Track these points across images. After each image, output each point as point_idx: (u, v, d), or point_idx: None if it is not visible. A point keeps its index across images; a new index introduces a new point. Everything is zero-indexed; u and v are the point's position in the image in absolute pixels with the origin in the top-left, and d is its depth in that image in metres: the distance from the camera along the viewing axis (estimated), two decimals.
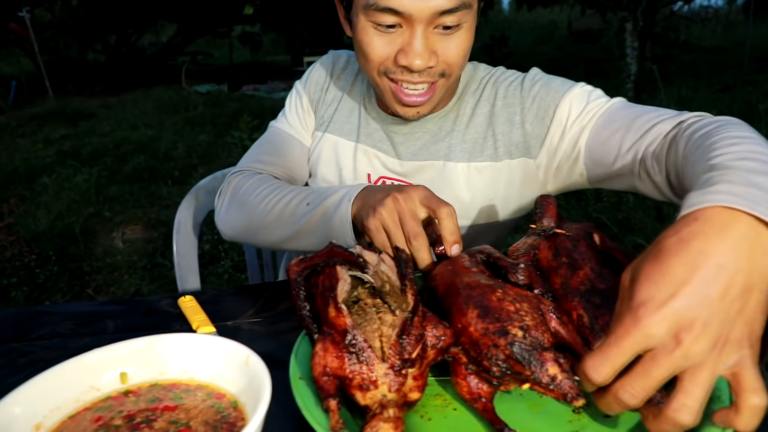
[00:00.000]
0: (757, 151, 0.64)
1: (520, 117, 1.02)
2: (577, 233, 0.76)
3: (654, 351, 0.49)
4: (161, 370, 0.60)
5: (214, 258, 3.31)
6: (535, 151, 1.02)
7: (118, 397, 0.57)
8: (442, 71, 0.94)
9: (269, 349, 0.78)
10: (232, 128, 5.83)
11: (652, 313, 0.49)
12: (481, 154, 1.05)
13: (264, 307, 0.90)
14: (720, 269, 0.49)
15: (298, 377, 0.64)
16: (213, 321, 0.86)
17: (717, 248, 0.50)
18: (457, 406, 0.64)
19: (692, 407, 0.48)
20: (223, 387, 0.57)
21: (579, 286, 0.66)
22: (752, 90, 6.38)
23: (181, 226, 1.43)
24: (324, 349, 0.60)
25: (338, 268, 0.69)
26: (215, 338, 0.59)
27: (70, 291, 3.05)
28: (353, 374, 0.59)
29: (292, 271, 0.73)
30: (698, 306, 0.48)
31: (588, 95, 0.98)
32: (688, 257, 0.50)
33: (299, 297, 0.71)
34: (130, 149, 5.46)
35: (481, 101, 1.07)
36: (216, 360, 0.58)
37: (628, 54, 6.02)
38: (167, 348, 0.60)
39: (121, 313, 0.90)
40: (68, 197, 4.19)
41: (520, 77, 1.06)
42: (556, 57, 10.46)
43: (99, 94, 9.04)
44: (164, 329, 0.84)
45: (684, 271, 0.49)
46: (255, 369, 0.54)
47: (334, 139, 1.14)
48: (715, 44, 11.04)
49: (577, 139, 0.96)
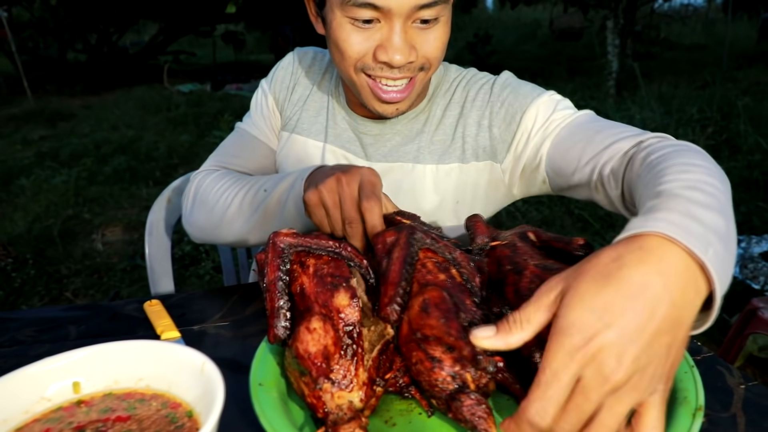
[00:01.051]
0: (706, 182, 0.63)
1: (488, 120, 1.02)
2: (512, 239, 0.75)
3: (584, 383, 0.48)
4: (116, 379, 0.58)
5: (195, 259, 3.28)
6: (501, 155, 1.02)
7: (70, 408, 0.55)
8: (421, 65, 0.92)
9: (233, 354, 0.77)
10: (215, 128, 5.78)
11: (585, 346, 0.47)
12: (450, 156, 1.04)
13: (232, 311, 0.89)
14: (657, 303, 0.48)
15: (258, 384, 0.62)
16: (179, 325, 0.84)
17: (656, 282, 0.49)
18: (422, 410, 0.63)
19: None
20: (180, 396, 0.56)
21: (529, 285, 0.65)
22: (731, 87, 6.46)
23: (153, 228, 1.41)
24: (325, 330, 0.59)
25: (347, 264, 0.68)
26: (171, 345, 0.58)
27: (48, 294, 3.01)
28: (339, 367, 0.58)
29: (280, 240, 0.69)
30: (633, 339, 0.47)
31: (555, 104, 0.98)
32: (627, 289, 0.49)
33: (279, 268, 0.67)
34: (111, 150, 5.39)
35: (451, 103, 1.06)
36: (172, 368, 0.57)
37: (610, 52, 6.06)
38: (122, 356, 0.58)
39: (84, 319, 0.88)
40: (46, 199, 4.13)
41: (491, 80, 1.06)
42: (539, 55, 10.50)
43: (80, 94, 8.92)
44: (128, 335, 0.83)
45: (622, 302, 0.48)
46: (210, 377, 0.53)
47: (302, 140, 1.12)
48: (696, 42, 11.15)
49: (539, 147, 0.96)
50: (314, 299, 0.63)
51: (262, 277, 0.68)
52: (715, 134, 4.74)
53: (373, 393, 0.59)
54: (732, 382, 0.67)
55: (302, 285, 0.65)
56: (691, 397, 0.58)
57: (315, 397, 0.58)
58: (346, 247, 0.70)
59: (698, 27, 12.83)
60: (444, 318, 0.58)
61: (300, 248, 0.69)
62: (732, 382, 0.67)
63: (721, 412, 0.62)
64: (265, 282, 0.67)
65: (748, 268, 2.80)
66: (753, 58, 8.36)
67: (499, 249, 0.74)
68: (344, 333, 0.60)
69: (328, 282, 0.63)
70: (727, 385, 0.66)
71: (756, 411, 0.62)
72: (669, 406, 0.58)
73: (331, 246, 0.69)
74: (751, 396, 0.64)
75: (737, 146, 4.57)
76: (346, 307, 0.61)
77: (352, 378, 0.58)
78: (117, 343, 0.58)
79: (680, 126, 4.86)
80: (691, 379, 0.60)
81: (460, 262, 0.68)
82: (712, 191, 0.62)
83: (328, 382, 0.55)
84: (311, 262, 0.68)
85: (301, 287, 0.65)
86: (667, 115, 5.08)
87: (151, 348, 0.58)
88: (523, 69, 9.47)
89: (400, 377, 0.63)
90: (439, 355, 0.58)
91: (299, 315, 0.63)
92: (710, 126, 4.83)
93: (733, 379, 0.67)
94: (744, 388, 0.65)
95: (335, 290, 0.62)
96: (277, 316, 0.63)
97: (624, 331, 0.47)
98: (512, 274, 0.68)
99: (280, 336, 0.62)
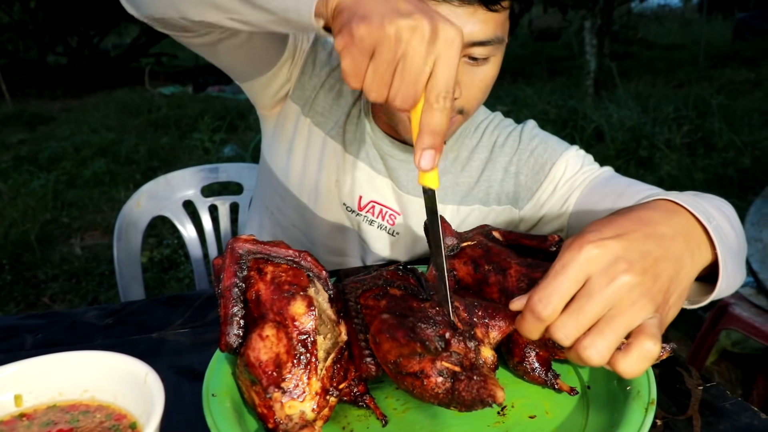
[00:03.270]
0: (720, 209, 0.70)
1: (515, 168, 1.04)
2: (479, 239, 0.75)
3: (588, 286, 0.50)
4: (60, 391, 0.56)
5: (174, 263, 3.24)
6: (522, 202, 1.05)
7: (11, 422, 0.53)
8: (461, 107, 0.90)
9: (191, 362, 0.76)
10: (195, 130, 5.73)
11: (598, 241, 0.50)
12: (472, 198, 1.06)
13: (193, 317, 0.87)
14: (662, 236, 0.53)
15: (210, 394, 0.61)
16: (139, 333, 0.83)
17: (661, 221, 0.55)
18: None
19: (601, 350, 0.49)
20: (125, 407, 0.55)
21: (518, 284, 0.66)
22: (707, 86, 6.54)
23: (121, 232, 1.39)
24: (278, 338, 0.57)
25: (306, 274, 0.66)
26: (116, 356, 0.56)
27: (25, 300, 2.96)
28: (291, 376, 0.57)
29: (239, 245, 0.67)
30: (638, 252, 0.51)
31: (583, 159, 1.01)
32: (636, 218, 0.55)
33: (236, 274, 0.65)
34: (91, 153, 5.32)
35: (479, 146, 1.07)
36: (117, 378, 0.55)
37: (588, 51, 6.09)
38: (67, 367, 0.57)
39: (42, 327, 0.86)
40: (24, 204, 4.07)
41: (518, 128, 1.08)
42: (520, 55, 10.54)
43: (60, 97, 8.82)
44: (84, 344, 0.81)
45: (631, 224, 0.53)
46: (151, 389, 0.51)
47: (333, 146, 1.06)
48: (673, 42, 11.25)
49: (567, 197, 0.98)
50: (269, 306, 0.61)
51: (218, 283, 0.67)
52: (691, 132, 4.79)
53: (326, 403, 0.58)
54: (690, 383, 0.66)
55: (258, 292, 0.64)
56: (644, 392, 0.59)
57: (265, 407, 0.56)
58: (306, 257, 0.69)
59: (675, 27, 12.96)
60: (389, 334, 0.57)
61: (259, 255, 0.68)
62: (690, 383, 0.66)
63: (678, 414, 0.61)
64: (220, 288, 0.66)
65: None
66: (728, 58, 8.48)
67: (470, 249, 0.74)
68: (298, 341, 0.58)
69: (285, 290, 0.62)
70: (685, 387, 0.66)
71: (712, 413, 0.61)
72: (622, 401, 0.58)
73: (291, 255, 0.68)
74: (708, 398, 0.63)
75: (712, 144, 4.63)
76: (302, 316, 0.59)
77: (305, 387, 0.57)
78: (61, 354, 0.57)
79: (657, 124, 4.90)
80: (644, 373, 0.60)
81: (391, 279, 0.69)
82: (721, 215, 0.69)
83: (278, 392, 0.54)
84: (269, 269, 0.66)
85: (257, 294, 0.64)
86: (644, 114, 5.12)
87: (97, 359, 0.57)
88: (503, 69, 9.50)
89: (355, 386, 0.62)
90: (417, 367, 0.56)
91: (253, 323, 0.62)
92: (686, 124, 4.88)
93: (691, 380, 0.67)
94: (702, 390, 0.65)
95: (292, 298, 0.61)
96: (230, 324, 0.62)
97: (634, 245, 0.51)
98: (494, 273, 0.69)
99: (232, 344, 0.61)
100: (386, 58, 0.52)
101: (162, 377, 0.72)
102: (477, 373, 0.53)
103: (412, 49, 0.51)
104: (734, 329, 1.74)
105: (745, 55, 8.50)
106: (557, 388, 0.63)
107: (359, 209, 1.06)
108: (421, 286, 0.69)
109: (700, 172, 4.08)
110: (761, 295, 1.72)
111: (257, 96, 1.08)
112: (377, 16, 0.52)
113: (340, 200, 1.06)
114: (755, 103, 5.55)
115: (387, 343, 0.57)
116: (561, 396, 0.64)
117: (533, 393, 0.66)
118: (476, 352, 0.57)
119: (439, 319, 0.59)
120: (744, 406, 0.62)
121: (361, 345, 0.63)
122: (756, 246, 1.72)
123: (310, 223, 1.10)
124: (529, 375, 0.65)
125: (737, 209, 0.80)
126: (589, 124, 5.00)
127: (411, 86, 0.52)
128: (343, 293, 0.70)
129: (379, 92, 0.54)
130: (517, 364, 0.65)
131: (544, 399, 0.64)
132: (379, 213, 1.06)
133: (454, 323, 0.59)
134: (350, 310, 0.67)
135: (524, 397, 0.65)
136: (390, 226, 1.06)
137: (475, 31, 0.80)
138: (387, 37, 0.51)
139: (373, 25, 0.52)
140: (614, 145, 4.69)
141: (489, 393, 0.51)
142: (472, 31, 0.80)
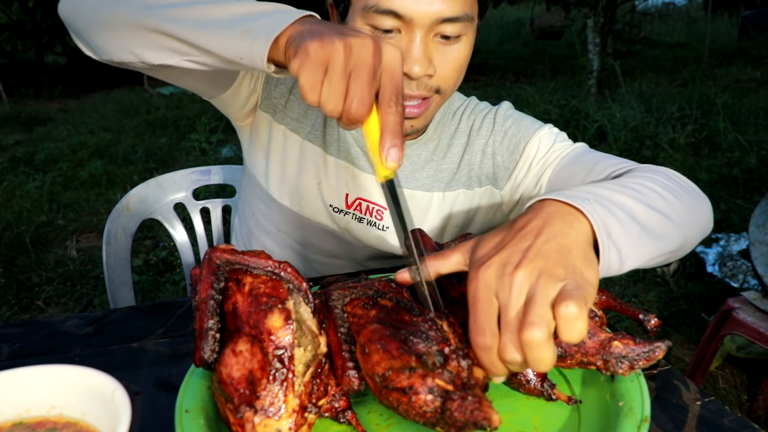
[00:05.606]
0: (644, 185, 0.74)
1: (491, 149, 1.07)
2: None
3: (500, 301, 0.54)
4: (27, 407, 0.54)
5: (170, 266, 3.22)
6: (501, 182, 1.07)
7: None
8: (437, 86, 0.91)
9: (169, 373, 0.73)
10: (193, 131, 5.70)
11: (486, 262, 0.57)
12: (455, 183, 1.08)
13: (174, 326, 0.85)
14: (535, 228, 0.59)
15: (184, 410, 0.58)
16: (119, 342, 0.80)
17: (532, 219, 0.61)
18: None
19: (539, 338, 0.50)
20: (93, 424, 0.52)
21: None
22: (711, 84, 6.49)
23: (111, 236, 1.36)
24: (252, 353, 0.55)
25: (285, 285, 0.64)
26: (85, 370, 0.54)
27: (18, 303, 2.94)
28: (266, 393, 0.54)
29: (216, 256, 0.64)
30: (519, 250, 0.56)
31: (555, 137, 1.03)
32: (510, 227, 0.61)
33: (213, 285, 0.63)
34: (87, 154, 5.29)
35: (458, 132, 1.09)
36: (85, 394, 0.53)
37: (590, 50, 6.05)
38: (33, 382, 0.54)
39: (19, 337, 0.84)
40: (19, 206, 4.04)
41: (492, 110, 1.10)
42: (522, 54, 10.51)
43: (58, 97, 8.78)
44: (63, 354, 0.78)
45: (507, 234, 0.60)
46: (118, 406, 0.49)
47: (313, 149, 1.06)
48: (677, 40, 11.21)
49: (540, 176, 1.01)
50: (245, 319, 0.59)
51: (194, 294, 0.64)
52: (695, 132, 4.75)
53: (304, 421, 0.55)
54: (688, 397, 0.64)
55: (235, 303, 0.61)
56: (636, 408, 0.57)
57: (239, 426, 0.54)
58: (286, 268, 0.66)
59: (679, 25, 12.92)
60: (381, 345, 0.54)
61: (237, 265, 0.65)
62: (688, 397, 0.64)
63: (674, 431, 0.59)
64: (196, 299, 0.63)
65: (727, 266, 2.79)
66: (733, 56, 8.41)
67: None
68: (274, 357, 0.56)
69: (263, 302, 0.59)
70: (683, 402, 0.63)
71: (710, 430, 0.59)
72: (614, 418, 0.56)
73: (271, 266, 0.65)
74: (706, 413, 0.61)
75: (717, 144, 4.58)
76: (278, 330, 0.57)
77: (281, 405, 0.54)
78: (28, 368, 0.54)
79: (660, 124, 4.86)
80: (638, 388, 0.59)
81: (383, 290, 0.67)
82: (639, 188, 0.72)
83: (250, 411, 0.51)
84: (248, 280, 0.64)
85: (234, 306, 0.61)
86: (648, 113, 5.08)
87: (64, 373, 0.54)
88: (506, 68, 9.51)
89: (336, 401, 0.59)
90: (406, 382, 0.53)
91: (229, 337, 0.59)
92: (690, 124, 4.84)
93: (689, 394, 0.64)
94: (700, 405, 0.62)
95: (269, 311, 0.58)
96: (204, 338, 0.59)
97: (514, 248, 0.57)
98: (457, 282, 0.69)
99: (207, 359, 0.58)
100: (340, 68, 0.58)
101: (139, 390, 0.70)
102: (471, 394, 0.51)
103: (362, 60, 0.58)
104: (737, 334, 1.71)
105: (751, 54, 8.44)
106: (554, 398, 0.61)
107: (347, 207, 1.06)
108: (416, 301, 0.67)
109: (705, 172, 4.04)
110: (766, 300, 1.69)
111: (227, 110, 1.09)
112: (328, 35, 0.59)
113: (325, 202, 1.06)
114: (761, 102, 5.51)
115: (377, 354, 0.55)
116: (550, 411, 0.62)
117: (522, 408, 0.63)
118: (468, 372, 0.55)
119: (433, 335, 0.57)
120: (744, 423, 0.59)
121: (345, 356, 0.60)
122: (761, 249, 1.69)
123: (296, 227, 1.10)
124: (524, 387, 0.63)
125: (742, 210, 0.79)
126: (592, 124, 4.97)
127: (366, 91, 0.58)
128: (328, 301, 0.67)
129: (336, 101, 0.58)
130: (512, 377, 0.63)
131: (533, 414, 0.62)
132: (367, 209, 1.06)
133: (449, 339, 0.57)
134: (336, 318, 0.64)
135: (512, 412, 0.62)
136: (379, 222, 1.07)
137: (444, 8, 0.83)
138: (338, 50, 0.57)
139: (326, 41, 0.58)
140: (617, 145, 4.66)
141: (484, 415, 0.49)
142: (441, 8, 0.83)
